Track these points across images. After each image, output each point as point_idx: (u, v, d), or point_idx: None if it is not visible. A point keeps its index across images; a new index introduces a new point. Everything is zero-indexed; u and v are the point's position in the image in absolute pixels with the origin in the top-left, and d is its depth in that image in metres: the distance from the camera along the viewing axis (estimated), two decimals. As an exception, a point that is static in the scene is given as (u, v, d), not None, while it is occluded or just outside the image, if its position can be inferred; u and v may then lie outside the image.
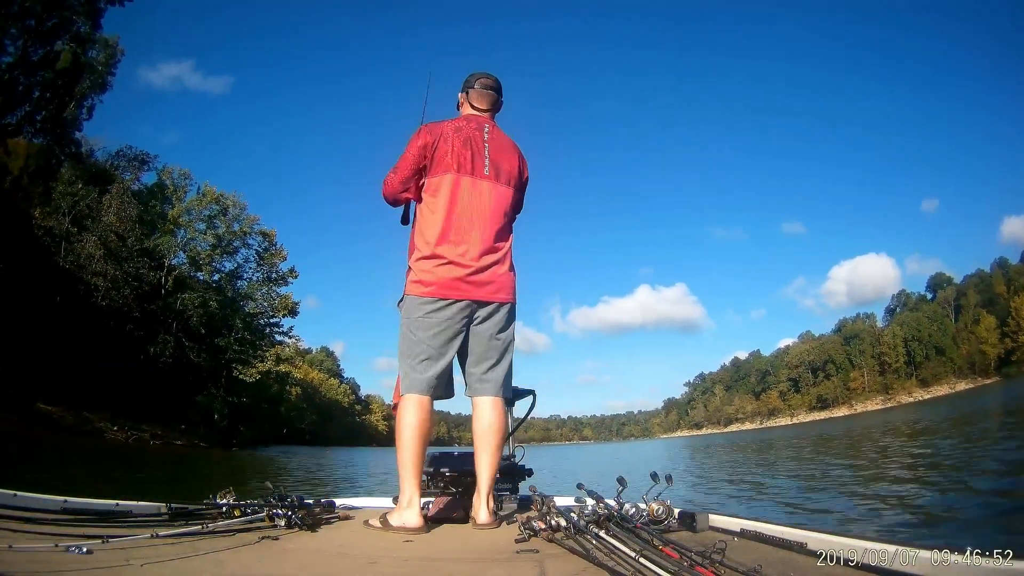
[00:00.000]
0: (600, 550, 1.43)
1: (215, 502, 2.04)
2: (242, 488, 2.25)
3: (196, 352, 34.45)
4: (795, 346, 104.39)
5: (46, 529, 1.49)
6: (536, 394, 2.90)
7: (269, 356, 40.26)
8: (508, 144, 2.31)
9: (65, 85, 28.42)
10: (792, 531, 1.46)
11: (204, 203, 36.97)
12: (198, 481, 10.55)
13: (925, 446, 12.15)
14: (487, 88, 2.33)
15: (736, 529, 1.67)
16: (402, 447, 2.04)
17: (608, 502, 1.73)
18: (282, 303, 40.27)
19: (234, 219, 38.20)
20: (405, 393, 2.09)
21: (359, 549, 1.69)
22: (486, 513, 2.05)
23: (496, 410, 2.17)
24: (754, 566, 1.12)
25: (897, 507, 5.12)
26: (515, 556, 1.54)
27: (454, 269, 2.11)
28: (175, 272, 35.01)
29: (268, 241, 39.74)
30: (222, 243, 37.65)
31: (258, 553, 1.55)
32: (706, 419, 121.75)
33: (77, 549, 1.30)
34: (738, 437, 50.62)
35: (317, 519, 2.04)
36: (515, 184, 2.28)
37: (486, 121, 2.30)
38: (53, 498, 1.82)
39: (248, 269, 39.71)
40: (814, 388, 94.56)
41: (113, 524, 1.71)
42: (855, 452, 13.13)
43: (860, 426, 28.32)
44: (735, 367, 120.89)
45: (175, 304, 33.77)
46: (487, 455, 2.10)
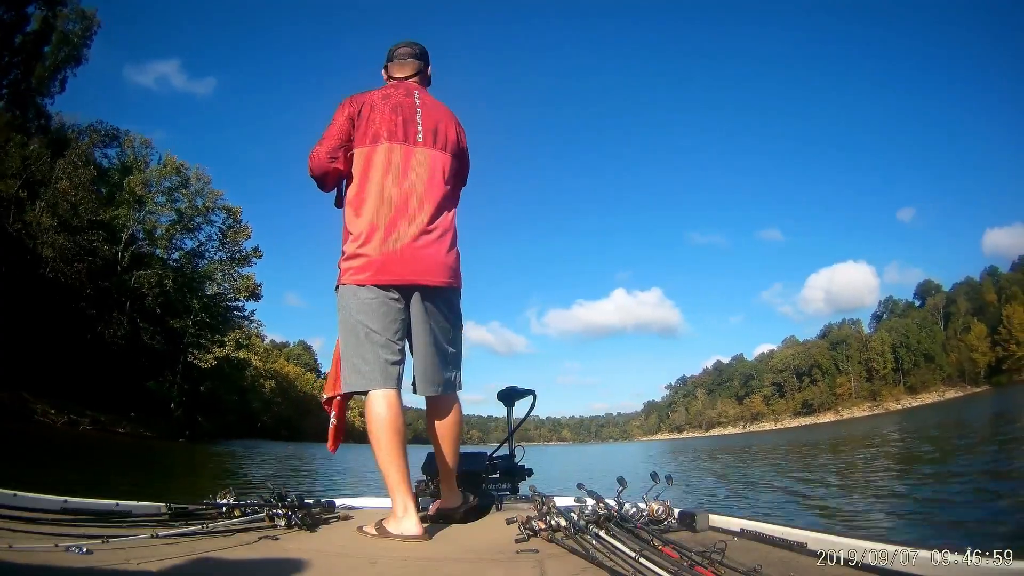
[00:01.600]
0: (600, 550, 1.42)
1: (215, 502, 2.04)
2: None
3: (150, 334, 32.02)
4: (780, 350, 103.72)
5: (46, 529, 1.49)
6: (536, 394, 2.90)
7: (228, 341, 36.36)
8: (442, 109, 2.12)
9: (34, 50, 27.33)
10: (792, 531, 1.46)
11: (164, 173, 34.00)
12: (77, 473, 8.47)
13: (925, 448, 12.15)
14: (407, 56, 2.19)
15: (736, 529, 1.67)
16: (380, 451, 1.85)
17: (608, 502, 1.73)
18: (243, 284, 37.12)
19: (197, 193, 35.21)
20: (362, 389, 1.93)
21: (359, 549, 1.69)
22: (447, 498, 2.13)
23: (453, 407, 2.09)
24: (754, 566, 1.12)
25: (897, 507, 5.12)
26: (515, 556, 1.54)
27: (390, 251, 1.91)
28: (132, 247, 32.18)
29: (233, 218, 36.69)
30: (183, 219, 34.77)
31: (258, 553, 1.55)
32: (687, 422, 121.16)
33: (77, 549, 1.30)
34: (721, 441, 50.20)
35: (317, 519, 2.04)
36: (453, 150, 2.08)
37: (415, 87, 2.14)
38: (53, 498, 1.82)
39: (211, 248, 36.74)
40: (799, 393, 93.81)
41: (113, 524, 1.71)
42: (857, 455, 13.13)
43: (860, 432, 27.90)
44: (717, 371, 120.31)
45: (130, 282, 31.05)
46: (448, 453, 2.10)
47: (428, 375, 2.04)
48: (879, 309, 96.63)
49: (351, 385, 1.96)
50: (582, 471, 14.41)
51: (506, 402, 2.91)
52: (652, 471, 1.92)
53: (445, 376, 2.08)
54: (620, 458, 26.21)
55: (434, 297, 2.01)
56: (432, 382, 2.05)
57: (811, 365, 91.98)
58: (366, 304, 1.93)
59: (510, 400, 2.91)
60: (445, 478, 2.14)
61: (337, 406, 2.17)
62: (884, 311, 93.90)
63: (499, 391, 2.91)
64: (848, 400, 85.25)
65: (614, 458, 26.62)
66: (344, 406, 2.21)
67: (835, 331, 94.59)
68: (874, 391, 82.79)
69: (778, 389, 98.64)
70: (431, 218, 1.96)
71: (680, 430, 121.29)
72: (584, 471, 14.32)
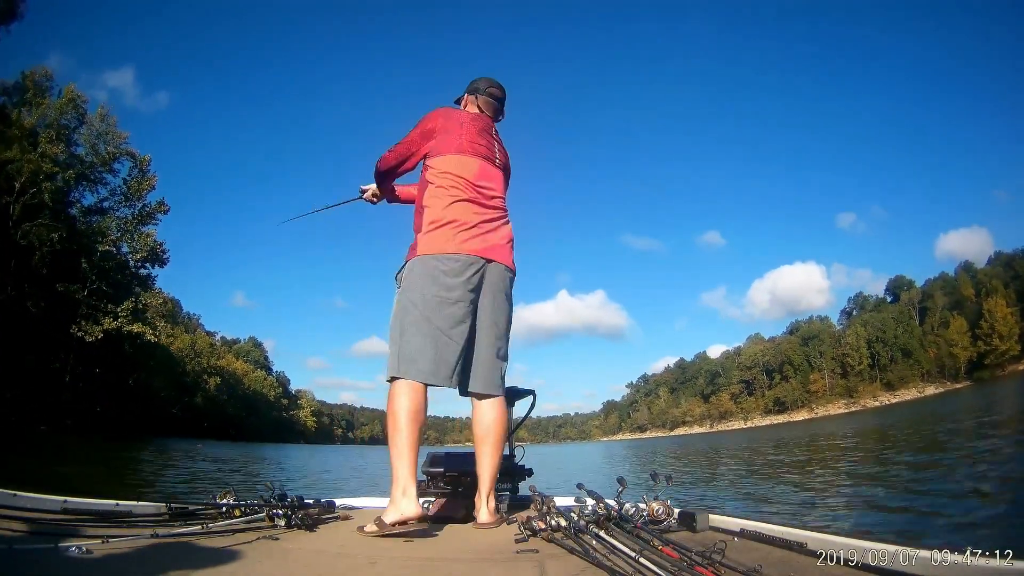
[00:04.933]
0: (600, 550, 1.43)
1: (215, 502, 2.04)
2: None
3: (35, 302, 27.10)
4: (748, 347, 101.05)
5: (46, 529, 1.49)
6: (536, 394, 2.90)
7: (121, 312, 30.36)
8: (503, 146, 2.42)
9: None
10: (792, 531, 1.46)
11: (60, 108, 29.29)
12: None
13: (922, 447, 12.11)
14: (494, 98, 2.44)
15: (736, 529, 1.67)
16: (396, 433, 1.91)
17: (608, 502, 1.73)
18: (143, 242, 31.88)
19: (99, 137, 30.68)
20: (398, 377, 1.97)
21: (359, 549, 1.69)
22: (487, 513, 2.04)
23: (498, 407, 2.14)
24: (754, 566, 1.12)
25: (897, 507, 5.11)
26: (515, 556, 1.54)
27: (470, 231, 2.12)
28: (25, 198, 26.97)
29: (140, 168, 32.10)
30: (82, 165, 30.11)
31: (258, 553, 1.55)
32: (650, 422, 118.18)
33: (77, 549, 1.30)
34: (686, 441, 48.89)
35: (317, 519, 2.04)
36: (508, 174, 2.40)
37: (492, 123, 2.41)
38: (53, 498, 1.82)
39: (114, 201, 31.78)
40: (770, 391, 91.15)
41: (113, 524, 1.71)
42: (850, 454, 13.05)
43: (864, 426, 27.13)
44: (680, 368, 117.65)
45: (16, 236, 26.36)
46: (489, 455, 2.08)
47: (483, 371, 2.14)
48: (848, 305, 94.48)
49: (396, 372, 2.00)
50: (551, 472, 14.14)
51: (506, 402, 2.91)
52: (652, 471, 1.92)
53: (498, 375, 2.19)
54: (584, 458, 25.54)
55: (501, 277, 2.18)
56: (485, 380, 2.14)
57: (782, 362, 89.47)
58: (436, 278, 2.05)
59: (510, 400, 2.91)
60: (485, 489, 2.06)
61: None
62: (854, 307, 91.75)
63: None
64: (823, 397, 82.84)
65: (577, 459, 25.66)
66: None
67: (805, 327, 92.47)
68: (850, 388, 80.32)
69: (747, 387, 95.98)
70: (499, 220, 2.24)
71: (643, 430, 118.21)
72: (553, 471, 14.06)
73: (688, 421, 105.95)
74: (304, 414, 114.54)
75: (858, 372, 79.91)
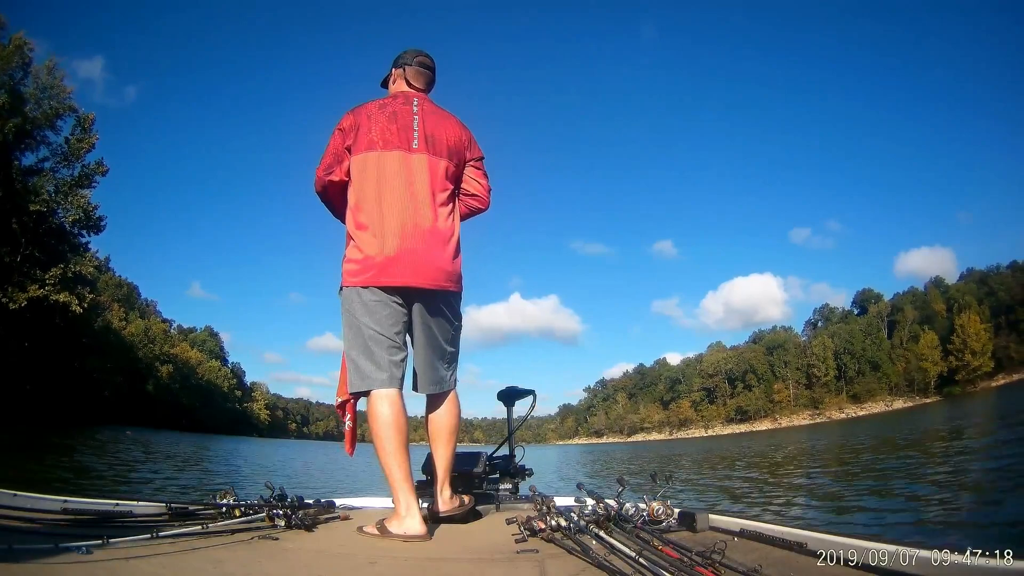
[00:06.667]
0: (600, 550, 1.43)
1: (215, 502, 2.04)
2: None
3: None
4: (709, 354, 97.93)
5: (46, 529, 1.49)
6: (536, 394, 2.90)
7: (49, 279, 27.29)
8: (445, 115, 2.16)
9: None
10: (792, 531, 1.46)
11: (7, 57, 26.30)
12: None
13: (918, 451, 12.12)
14: (424, 67, 2.23)
15: (736, 529, 1.67)
16: (384, 450, 1.88)
17: (608, 502, 1.73)
18: (75, 204, 28.88)
19: (43, 90, 27.85)
20: (365, 389, 1.97)
21: (359, 549, 1.69)
22: (443, 501, 2.09)
23: (452, 406, 2.13)
24: (754, 566, 1.12)
25: (897, 507, 5.12)
26: (515, 556, 1.54)
27: (390, 254, 1.94)
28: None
29: (82, 127, 29.31)
30: (26, 119, 27.28)
31: (258, 553, 1.55)
32: (607, 427, 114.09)
33: (77, 549, 1.30)
34: (643, 448, 48.59)
35: (317, 519, 2.04)
36: (457, 157, 2.12)
37: (414, 95, 2.17)
38: (53, 498, 1.82)
39: (54, 162, 28.91)
40: (732, 399, 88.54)
41: (113, 524, 1.71)
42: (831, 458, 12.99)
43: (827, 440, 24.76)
44: (639, 374, 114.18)
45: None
46: (442, 449, 2.11)
47: (428, 374, 2.11)
48: (814, 316, 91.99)
49: (355, 386, 2.00)
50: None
51: (506, 402, 2.91)
52: (652, 471, 1.92)
53: (443, 375, 2.14)
54: (542, 463, 25.48)
55: (435, 299, 2.05)
56: (432, 381, 2.11)
57: (745, 370, 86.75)
58: (369, 306, 1.98)
59: (510, 400, 2.91)
60: (440, 479, 2.11)
61: (351, 409, 2.19)
62: (819, 318, 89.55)
63: (499, 391, 2.91)
64: (787, 407, 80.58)
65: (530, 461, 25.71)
66: (356, 408, 2.23)
67: (769, 336, 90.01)
68: (815, 399, 77.77)
69: (709, 394, 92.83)
70: (431, 222, 2.00)
71: (600, 435, 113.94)
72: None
73: (647, 428, 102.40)
74: (258, 407, 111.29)
75: (824, 383, 78.11)
